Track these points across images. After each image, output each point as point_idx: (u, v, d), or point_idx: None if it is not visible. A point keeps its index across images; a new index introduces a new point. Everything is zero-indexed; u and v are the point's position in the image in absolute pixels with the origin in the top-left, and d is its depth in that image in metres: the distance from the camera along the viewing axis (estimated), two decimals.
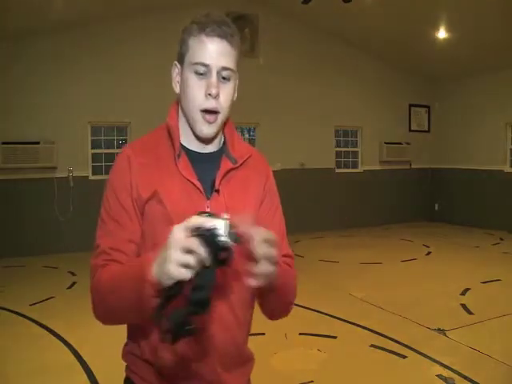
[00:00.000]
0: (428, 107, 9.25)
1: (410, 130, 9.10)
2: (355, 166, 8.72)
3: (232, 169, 1.06)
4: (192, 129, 1.04)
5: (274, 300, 1.01)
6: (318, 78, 7.99)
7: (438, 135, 9.13)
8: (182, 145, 1.06)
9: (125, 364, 1.09)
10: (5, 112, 6.06)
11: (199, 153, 1.07)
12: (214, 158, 1.07)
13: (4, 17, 5.40)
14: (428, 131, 9.28)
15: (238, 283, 1.02)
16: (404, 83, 8.94)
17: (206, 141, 1.06)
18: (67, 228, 6.43)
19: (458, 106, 8.60)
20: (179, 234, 0.76)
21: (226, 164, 1.06)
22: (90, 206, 6.55)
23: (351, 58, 8.31)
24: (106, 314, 0.98)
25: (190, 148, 1.06)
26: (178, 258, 0.75)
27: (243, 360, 1.10)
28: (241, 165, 1.08)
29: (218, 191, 1.03)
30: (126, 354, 1.08)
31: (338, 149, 8.55)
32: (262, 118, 7.48)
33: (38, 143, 6.19)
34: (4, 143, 6.04)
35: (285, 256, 1.09)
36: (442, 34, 6.96)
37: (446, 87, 8.88)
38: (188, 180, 1.01)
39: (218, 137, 1.08)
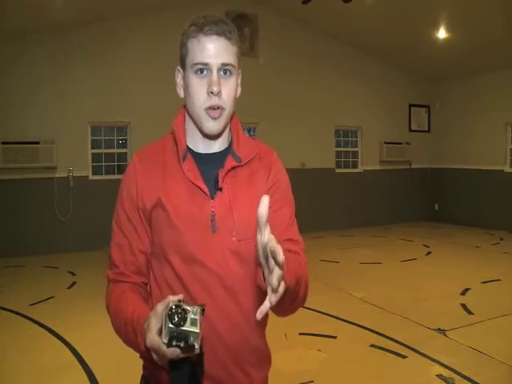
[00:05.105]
0: (428, 107, 9.25)
1: (410, 130, 9.11)
2: (355, 166, 8.72)
3: (236, 166, 1.06)
4: (198, 128, 1.05)
5: (286, 304, 0.98)
6: (317, 77, 8.00)
7: (438, 135, 9.13)
8: (188, 147, 1.07)
9: (142, 362, 1.12)
10: (5, 112, 6.06)
11: (205, 154, 1.08)
12: (219, 158, 1.07)
13: (4, 17, 5.39)
14: (428, 131, 9.29)
15: (246, 284, 1.04)
16: (404, 83, 8.95)
17: (213, 137, 1.07)
18: (67, 228, 6.44)
19: (458, 106, 8.60)
20: (153, 346, 0.81)
21: (230, 162, 1.06)
22: (90, 206, 6.60)
23: (351, 58, 8.31)
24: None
25: (197, 150, 1.08)
26: (158, 358, 0.82)
27: (259, 360, 1.10)
28: (246, 163, 1.07)
29: (221, 189, 1.03)
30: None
31: (337, 149, 8.55)
32: (262, 118, 7.48)
33: (37, 143, 6.18)
34: (4, 143, 6.04)
35: (288, 240, 1.04)
36: (441, 34, 6.96)
37: (446, 87, 8.88)
38: (192, 182, 1.02)
39: (225, 133, 1.09)
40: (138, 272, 1.06)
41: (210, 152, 1.08)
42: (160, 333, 0.78)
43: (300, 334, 3.41)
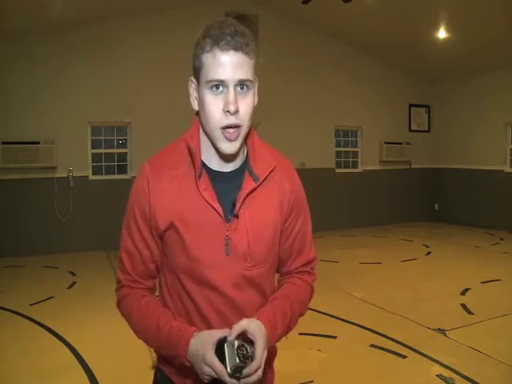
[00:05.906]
0: (428, 107, 9.24)
1: (410, 130, 9.10)
2: (355, 166, 8.72)
3: (254, 188, 1.02)
4: (214, 146, 1.01)
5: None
6: (318, 77, 8.00)
7: (438, 135, 9.13)
8: (203, 162, 1.03)
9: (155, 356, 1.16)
10: (5, 112, 6.06)
11: (221, 172, 1.04)
12: (235, 177, 1.04)
13: (4, 17, 5.39)
14: (428, 131, 9.28)
15: (257, 307, 1.06)
16: (404, 83, 8.94)
17: (228, 157, 1.02)
18: (67, 228, 6.43)
19: (458, 106, 8.60)
20: (208, 363, 0.89)
21: (247, 184, 1.02)
22: (90, 206, 6.60)
23: (351, 58, 8.31)
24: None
25: (212, 167, 1.03)
26: (202, 373, 0.91)
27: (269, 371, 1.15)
28: (263, 180, 1.04)
29: (237, 215, 1.01)
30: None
31: (337, 149, 8.55)
32: (262, 117, 7.43)
33: (38, 143, 6.19)
34: (4, 143, 6.05)
35: (304, 265, 1.18)
36: (441, 33, 6.95)
37: (446, 87, 8.87)
38: (207, 202, 0.99)
39: (241, 151, 1.04)
40: (149, 277, 1.09)
41: (226, 171, 1.04)
42: (220, 359, 0.89)
43: (300, 333, 3.41)
